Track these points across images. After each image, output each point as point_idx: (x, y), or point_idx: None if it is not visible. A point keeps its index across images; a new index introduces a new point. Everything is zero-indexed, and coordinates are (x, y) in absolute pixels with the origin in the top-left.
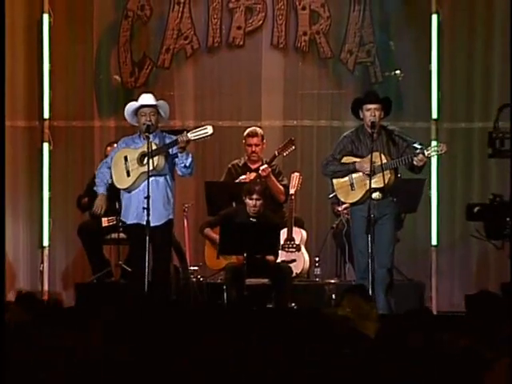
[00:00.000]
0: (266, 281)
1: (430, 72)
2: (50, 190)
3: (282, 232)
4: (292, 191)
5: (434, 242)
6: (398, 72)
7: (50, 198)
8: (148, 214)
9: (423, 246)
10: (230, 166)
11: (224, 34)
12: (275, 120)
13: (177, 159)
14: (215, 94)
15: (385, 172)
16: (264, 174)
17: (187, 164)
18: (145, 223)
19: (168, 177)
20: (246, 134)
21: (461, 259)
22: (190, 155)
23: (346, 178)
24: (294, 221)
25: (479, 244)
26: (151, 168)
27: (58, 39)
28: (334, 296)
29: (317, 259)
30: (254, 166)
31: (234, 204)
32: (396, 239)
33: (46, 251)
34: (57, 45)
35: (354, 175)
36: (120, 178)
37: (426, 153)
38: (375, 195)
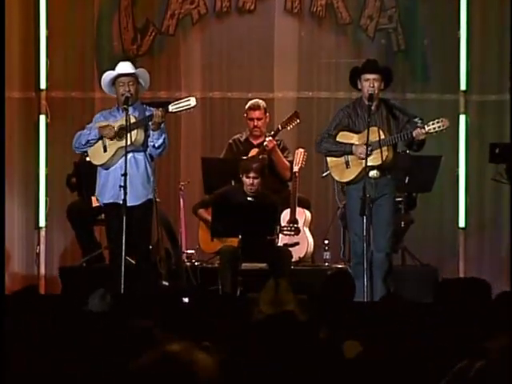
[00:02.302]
0: (263, 265)
1: (458, 39)
2: (46, 166)
3: (284, 213)
4: (296, 168)
5: (461, 224)
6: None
7: (46, 175)
8: (125, 193)
9: (450, 229)
10: (230, 141)
11: None
12: (289, 91)
13: (149, 137)
14: (224, 63)
15: (383, 149)
16: (270, 146)
17: (157, 144)
18: (121, 202)
19: (148, 153)
20: (247, 106)
21: (490, 243)
22: (164, 136)
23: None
24: (298, 201)
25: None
26: (129, 143)
27: (56, 2)
28: None
29: (326, 242)
30: (256, 142)
31: (232, 182)
32: (410, 220)
33: (43, 232)
34: (54, 8)
35: None
36: (96, 153)
37: (427, 128)
38: (372, 173)
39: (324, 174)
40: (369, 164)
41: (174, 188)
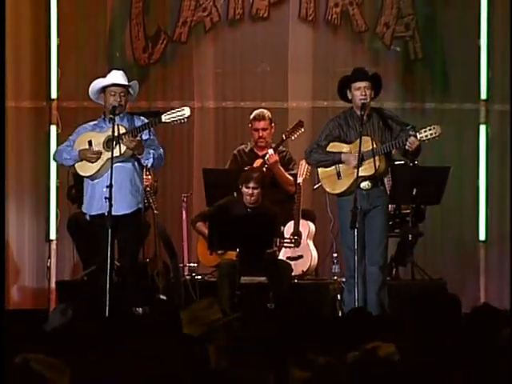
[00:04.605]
0: (262, 279)
1: (478, 47)
2: (57, 177)
3: (288, 225)
4: (300, 180)
5: (482, 236)
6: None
7: (57, 187)
8: (110, 205)
9: (470, 242)
10: (235, 152)
11: (247, 5)
12: (303, 101)
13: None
14: (237, 71)
15: (375, 158)
16: (270, 161)
17: (149, 165)
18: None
19: (136, 163)
20: (252, 117)
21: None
22: (152, 155)
23: (332, 167)
24: (303, 213)
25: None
26: (118, 154)
27: (68, 11)
28: (338, 296)
29: (335, 255)
30: (261, 153)
31: (235, 194)
32: (419, 233)
33: (54, 245)
34: (66, 17)
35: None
36: (83, 164)
37: (419, 136)
38: (364, 184)
39: (315, 186)
40: (360, 174)
41: (186, 199)
